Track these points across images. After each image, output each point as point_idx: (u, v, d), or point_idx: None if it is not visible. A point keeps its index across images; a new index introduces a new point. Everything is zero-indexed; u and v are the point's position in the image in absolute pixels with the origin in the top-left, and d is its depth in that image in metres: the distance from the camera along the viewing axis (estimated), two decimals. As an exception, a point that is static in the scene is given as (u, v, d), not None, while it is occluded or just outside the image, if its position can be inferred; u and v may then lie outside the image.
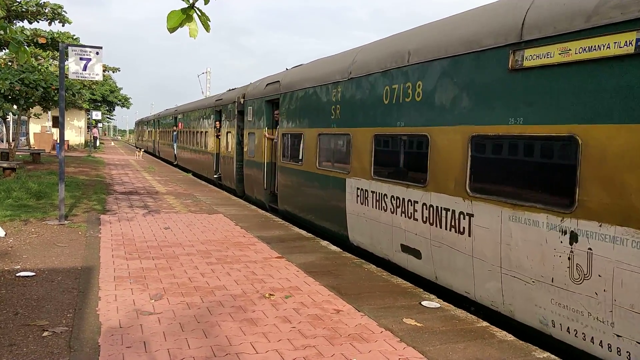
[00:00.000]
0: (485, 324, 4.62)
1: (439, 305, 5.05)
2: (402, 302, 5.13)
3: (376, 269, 6.45)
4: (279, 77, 10.87)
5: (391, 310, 4.84)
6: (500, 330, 4.48)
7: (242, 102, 13.26)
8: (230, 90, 15.98)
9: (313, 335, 4.15)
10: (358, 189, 7.12)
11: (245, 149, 13.08)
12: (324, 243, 7.89)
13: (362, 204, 7.02)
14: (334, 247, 7.61)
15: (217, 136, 16.30)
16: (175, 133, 25.72)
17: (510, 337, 4.29)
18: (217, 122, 16.27)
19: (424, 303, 5.09)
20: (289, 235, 8.45)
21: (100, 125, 58.84)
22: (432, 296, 5.38)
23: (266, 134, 11.25)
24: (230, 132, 14.61)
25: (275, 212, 10.86)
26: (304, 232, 8.73)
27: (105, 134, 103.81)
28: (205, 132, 18.22)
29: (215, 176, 16.69)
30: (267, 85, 11.43)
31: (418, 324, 4.50)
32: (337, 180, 7.77)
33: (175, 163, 25.66)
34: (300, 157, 9.28)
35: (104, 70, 18.18)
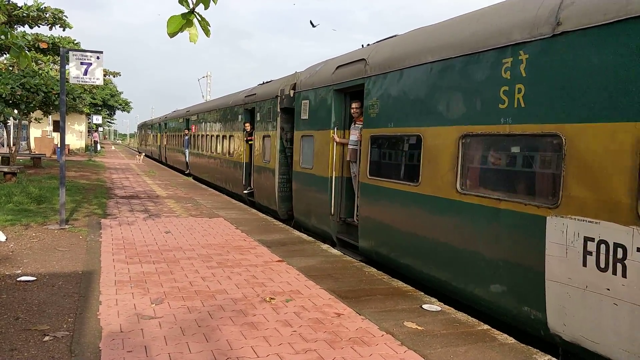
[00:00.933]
0: (486, 327, 4.62)
1: (439, 309, 5.04)
2: (403, 305, 5.13)
3: (377, 272, 6.45)
4: (362, 53, 7.54)
5: (392, 314, 4.84)
6: (501, 333, 4.47)
7: (291, 96, 10.09)
8: (264, 83, 12.89)
9: (314, 339, 4.14)
10: (589, 239, 3.86)
11: (295, 158, 9.73)
12: (325, 246, 7.89)
13: (602, 269, 3.76)
14: (334, 251, 7.60)
15: (247, 141, 13.32)
16: (187, 137, 22.43)
17: (511, 340, 4.29)
18: (247, 124, 13.32)
19: (425, 306, 5.09)
20: (290, 238, 8.44)
21: (100, 129, 58.97)
22: (433, 299, 5.38)
23: (336, 137, 8.04)
24: (268, 135, 11.34)
25: (351, 250, 7.65)
26: (304, 236, 8.73)
27: (105, 138, 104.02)
28: (230, 136, 15.09)
29: (245, 192, 13.34)
30: (338, 67, 8.12)
31: (419, 328, 4.50)
32: (520, 217, 4.47)
33: (188, 172, 22.22)
34: (413, 173, 6.00)
35: (104, 75, 18.21)
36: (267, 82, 12.67)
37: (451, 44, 5.49)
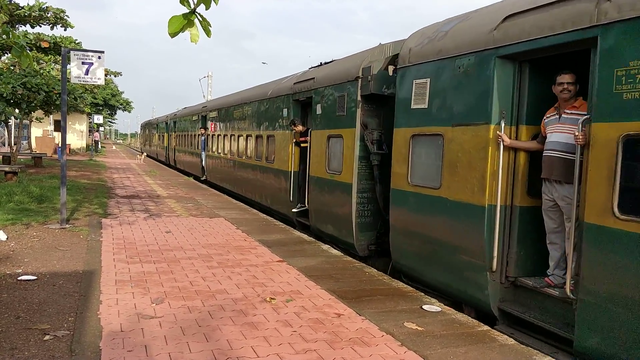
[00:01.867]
0: (486, 327, 4.62)
1: (439, 309, 5.05)
2: (403, 305, 5.13)
3: (377, 272, 6.45)
4: None
5: (392, 314, 4.84)
6: (501, 334, 4.48)
7: (390, 74, 7.11)
8: (323, 64, 9.73)
9: (314, 339, 4.15)
10: None
11: (397, 170, 6.47)
12: (325, 247, 7.90)
13: None
14: (334, 251, 7.60)
15: (298, 143, 9.98)
16: (204, 138, 19.10)
17: (511, 342, 4.29)
18: (296, 122, 9.80)
19: (425, 307, 5.09)
20: (290, 239, 8.45)
21: (101, 129, 59.03)
22: (433, 300, 5.38)
23: (505, 138, 4.86)
24: (338, 135, 8.15)
25: (536, 336, 4.74)
26: (305, 236, 8.73)
27: (106, 138, 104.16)
28: (269, 136, 11.60)
29: (294, 210, 9.95)
30: (508, 18, 4.91)
31: (419, 328, 4.50)
32: None
33: (204, 178, 19.11)
34: None
35: (105, 75, 18.20)
36: (330, 62, 9.54)
37: None
